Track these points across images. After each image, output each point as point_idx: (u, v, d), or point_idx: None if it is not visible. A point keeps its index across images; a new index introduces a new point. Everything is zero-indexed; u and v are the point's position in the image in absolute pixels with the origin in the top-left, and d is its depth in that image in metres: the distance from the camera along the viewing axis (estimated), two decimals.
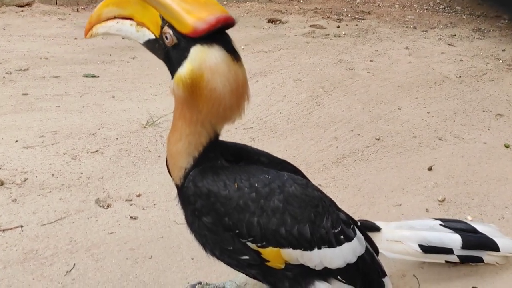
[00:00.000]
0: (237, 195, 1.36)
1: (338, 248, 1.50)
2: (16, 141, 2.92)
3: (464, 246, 1.86)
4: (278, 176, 1.44)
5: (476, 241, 1.91)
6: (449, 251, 1.86)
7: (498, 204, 2.50)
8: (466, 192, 2.60)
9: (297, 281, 1.50)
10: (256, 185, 1.38)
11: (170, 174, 1.49)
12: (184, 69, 1.26)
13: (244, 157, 1.53)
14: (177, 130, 1.38)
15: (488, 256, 1.94)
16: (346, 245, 1.52)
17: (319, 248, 1.46)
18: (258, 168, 1.45)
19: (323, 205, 1.50)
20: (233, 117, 1.37)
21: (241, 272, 1.60)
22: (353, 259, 1.54)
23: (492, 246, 1.93)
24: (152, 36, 1.34)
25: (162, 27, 1.29)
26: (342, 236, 1.51)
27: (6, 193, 2.41)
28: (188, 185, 1.38)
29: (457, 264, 1.96)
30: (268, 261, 1.44)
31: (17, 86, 3.76)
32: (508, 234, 2.25)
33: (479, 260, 1.94)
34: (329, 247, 1.48)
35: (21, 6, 6.18)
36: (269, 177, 1.42)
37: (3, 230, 2.14)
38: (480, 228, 1.96)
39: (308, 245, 1.45)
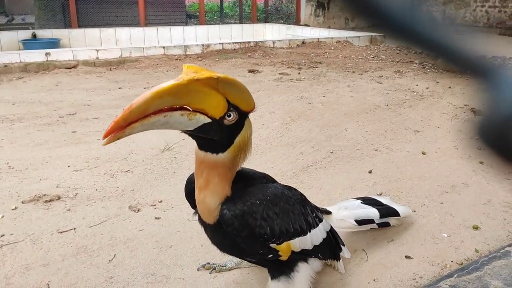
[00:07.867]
0: (260, 209, 1.32)
1: (317, 228, 1.52)
2: (69, 166, 2.88)
3: (381, 216, 1.97)
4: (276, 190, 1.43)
5: (386, 211, 2.01)
6: (372, 221, 1.96)
7: (420, 195, 2.52)
8: (397, 187, 2.62)
9: (285, 264, 1.47)
10: (269, 197, 1.37)
11: (200, 218, 1.41)
12: (241, 137, 1.29)
13: (243, 178, 1.44)
14: (210, 189, 1.31)
15: (392, 220, 2.06)
16: (320, 225, 1.55)
17: (310, 231, 1.47)
18: (261, 189, 1.41)
19: (303, 198, 1.53)
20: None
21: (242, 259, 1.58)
22: (324, 235, 1.56)
23: (395, 212, 2.04)
24: (208, 121, 1.20)
25: (228, 109, 1.22)
26: (317, 219, 1.55)
27: (62, 205, 2.37)
28: (223, 213, 1.31)
29: (375, 229, 2.06)
30: (281, 256, 1.40)
31: (68, 126, 3.72)
32: (429, 216, 2.28)
33: (388, 224, 2.06)
34: (314, 228, 1.49)
35: (69, 68, 6.17)
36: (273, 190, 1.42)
37: (61, 232, 2.10)
38: (383, 200, 2.08)
39: (306, 231, 1.45)
